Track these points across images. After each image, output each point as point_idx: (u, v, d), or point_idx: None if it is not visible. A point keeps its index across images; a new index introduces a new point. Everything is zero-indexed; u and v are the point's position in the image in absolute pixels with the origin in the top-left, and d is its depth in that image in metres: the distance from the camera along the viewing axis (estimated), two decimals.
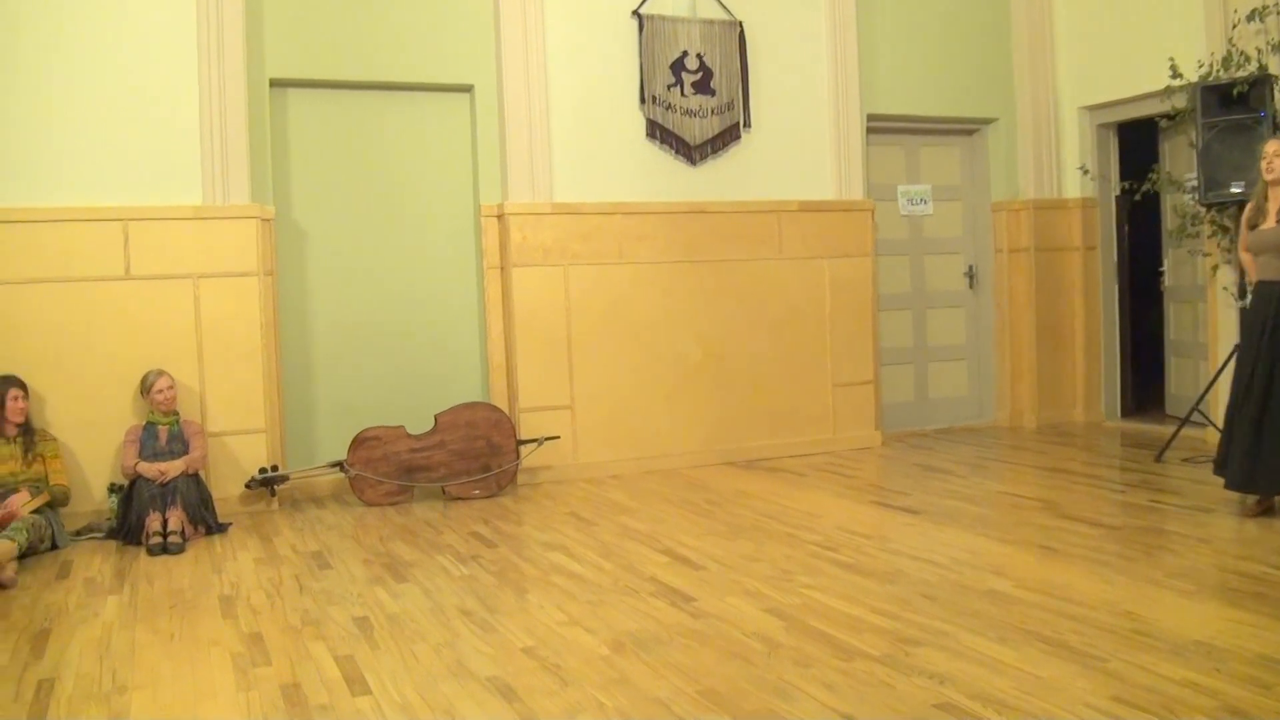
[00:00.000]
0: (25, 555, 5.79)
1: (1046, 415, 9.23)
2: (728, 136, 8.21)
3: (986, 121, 9.31)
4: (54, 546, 6.14)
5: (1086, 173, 9.14)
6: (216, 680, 3.93)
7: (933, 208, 9.31)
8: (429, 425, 7.27)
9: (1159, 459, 7.46)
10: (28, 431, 6.34)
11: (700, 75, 8.12)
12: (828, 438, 8.47)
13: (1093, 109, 9.13)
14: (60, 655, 4.29)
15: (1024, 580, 4.72)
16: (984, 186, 9.40)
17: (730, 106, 8.20)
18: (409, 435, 7.16)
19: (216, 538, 6.33)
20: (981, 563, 5.04)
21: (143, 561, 5.82)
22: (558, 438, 7.59)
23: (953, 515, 6.10)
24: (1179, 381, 8.92)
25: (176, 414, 6.60)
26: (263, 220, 7.02)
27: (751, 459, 8.18)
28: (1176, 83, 7.71)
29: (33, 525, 5.90)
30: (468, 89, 7.72)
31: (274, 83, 7.26)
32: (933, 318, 9.39)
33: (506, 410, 7.53)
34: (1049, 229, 9.22)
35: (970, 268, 9.44)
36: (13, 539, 5.63)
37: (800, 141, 8.46)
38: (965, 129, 9.38)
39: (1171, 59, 7.69)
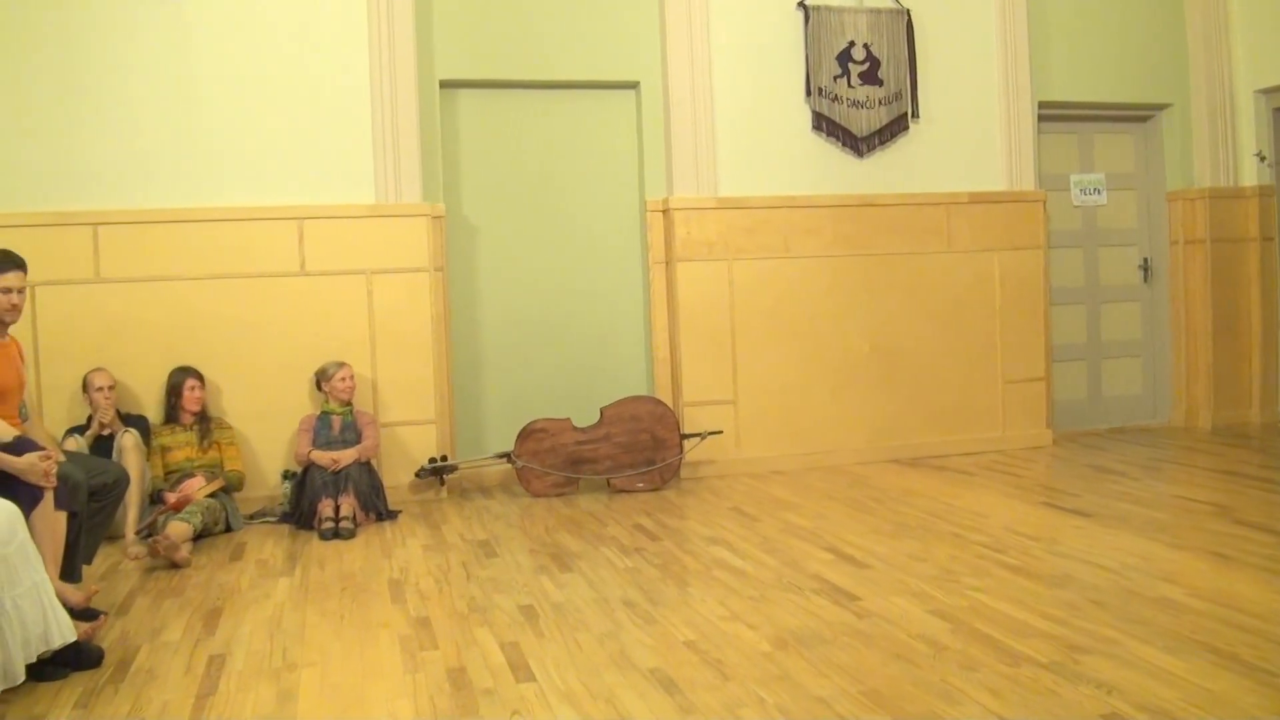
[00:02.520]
0: (200, 537, 6.07)
1: (1221, 415, 8.86)
2: (895, 127, 8.11)
3: (1160, 107, 8.98)
4: (228, 529, 6.40)
5: (1264, 159, 8.74)
6: (384, 661, 4.05)
7: (1106, 197, 9.03)
8: (595, 418, 7.35)
9: None
10: (204, 419, 6.62)
11: (867, 65, 8.03)
12: (997, 436, 8.30)
13: (1269, 92, 8.71)
14: (232, 632, 4.47)
15: (1196, 588, 4.56)
16: (1159, 175, 9.08)
17: (898, 97, 8.09)
18: (575, 428, 7.26)
19: (387, 524, 6.52)
20: (1153, 569, 4.89)
21: (314, 545, 6.03)
22: (720, 432, 7.60)
23: (1124, 519, 5.92)
24: None
25: (351, 404, 6.79)
26: (434, 218, 7.19)
27: (917, 456, 8.06)
28: None
29: (207, 509, 6.15)
30: (633, 86, 7.78)
31: (444, 84, 7.42)
32: (1107, 312, 9.10)
33: (670, 404, 7.57)
34: (1225, 219, 8.84)
35: (1145, 260, 9.14)
36: (188, 521, 5.89)
37: (970, 131, 8.29)
38: (1139, 115, 9.06)
39: None
